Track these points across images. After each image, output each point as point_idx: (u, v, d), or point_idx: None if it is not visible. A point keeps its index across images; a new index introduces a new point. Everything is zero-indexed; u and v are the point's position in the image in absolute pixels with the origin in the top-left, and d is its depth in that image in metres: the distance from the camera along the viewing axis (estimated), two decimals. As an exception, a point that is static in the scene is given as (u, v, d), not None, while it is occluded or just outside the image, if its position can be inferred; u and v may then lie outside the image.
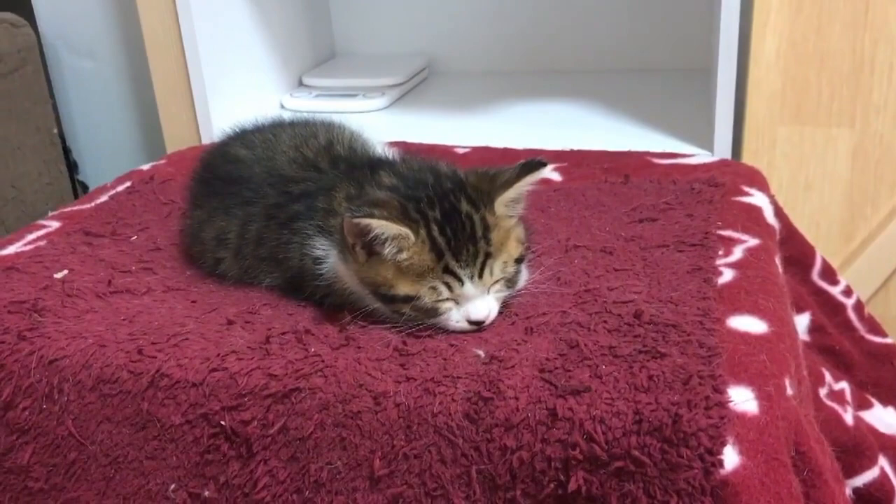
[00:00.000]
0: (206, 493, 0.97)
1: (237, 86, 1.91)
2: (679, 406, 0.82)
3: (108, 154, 2.21)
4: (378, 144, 1.25)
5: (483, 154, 1.59)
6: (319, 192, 1.04)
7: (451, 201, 0.96)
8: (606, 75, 2.09)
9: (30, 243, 1.32)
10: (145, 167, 1.64)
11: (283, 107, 2.05)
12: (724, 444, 0.78)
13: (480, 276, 0.95)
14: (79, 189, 2.16)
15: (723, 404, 0.82)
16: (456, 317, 0.96)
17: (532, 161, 0.97)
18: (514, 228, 0.99)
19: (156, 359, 0.99)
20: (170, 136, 1.83)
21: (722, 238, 1.16)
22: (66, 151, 2.12)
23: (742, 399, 0.82)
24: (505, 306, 1.01)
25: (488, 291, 0.97)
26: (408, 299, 0.94)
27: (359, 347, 0.96)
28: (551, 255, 1.14)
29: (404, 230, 0.92)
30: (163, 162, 1.67)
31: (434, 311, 0.95)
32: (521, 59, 2.22)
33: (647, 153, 1.46)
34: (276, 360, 0.95)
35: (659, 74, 2.03)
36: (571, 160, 1.47)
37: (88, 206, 1.44)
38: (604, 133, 1.63)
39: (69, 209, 1.44)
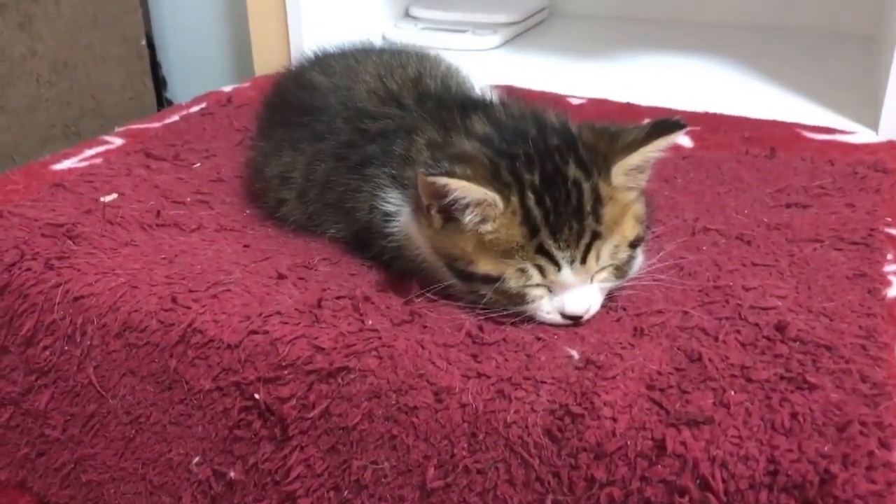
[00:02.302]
0: (233, 475, 0.82)
1: (336, 11, 1.74)
2: (831, 460, 0.62)
3: (198, 72, 2.08)
4: (480, 85, 1.05)
5: (600, 107, 1.38)
6: (399, 134, 0.86)
7: (555, 162, 0.76)
8: (753, 32, 1.85)
9: (86, 159, 1.20)
10: (227, 89, 1.49)
11: (384, 38, 1.87)
12: (892, 523, 0.58)
13: (584, 261, 0.75)
14: (165, 106, 2.05)
15: (892, 466, 0.61)
16: (547, 307, 0.78)
17: (667, 121, 0.77)
18: (632, 204, 0.79)
19: (190, 310, 0.84)
20: (259, 59, 1.68)
21: (892, 238, 0.93)
22: (155, 66, 2.00)
23: (921, 464, 0.61)
24: (610, 298, 0.82)
25: (591, 280, 0.78)
26: (489, 280, 0.76)
27: (424, 327, 0.79)
28: (674, 239, 0.94)
29: (491, 195, 0.74)
30: (246, 85, 1.52)
31: (520, 298, 0.77)
32: (655, 6, 1.98)
33: (798, 125, 1.24)
34: (326, 330, 0.79)
35: (815, 36, 1.78)
36: (705, 124, 1.26)
37: (157, 125, 1.31)
38: (746, 96, 1.41)
39: (136, 126, 1.32)
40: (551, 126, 0.80)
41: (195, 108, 1.38)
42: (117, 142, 1.25)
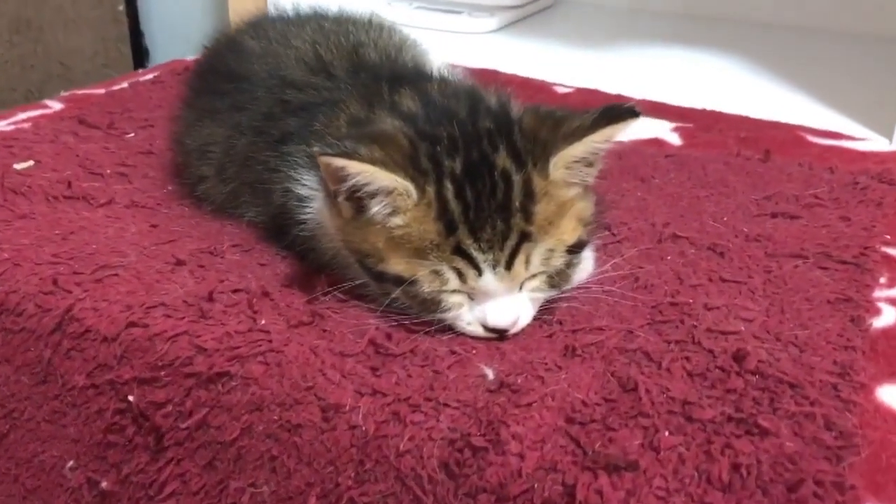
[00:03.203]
0: (105, 484, 0.72)
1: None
2: (775, 528, 0.50)
3: (181, 43, 1.97)
4: (440, 63, 0.94)
5: (587, 97, 1.26)
6: (322, 108, 0.75)
7: (483, 149, 0.65)
8: (767, 30, 1.71)
9: (16, 123, 1.10)
10: (189, 58, 1.39)
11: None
12: None
13: (509, 265, 0.64)
14: (144, 78, 1.94)
15: (849, 540, 0.50)
16: (468, 317, 0.67)
17: (617, 107, 0.65)
18: (574, 202, 0.67)
19: (70, 294, 0.74)
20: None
21: (888, 259, 0.81)
22: (137, 35, 1.90)
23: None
24: (547, 310, 0.70)
25: (520, 289, 0.66)
26: (401, 282, 0.65)
27: (324, 331, 0.68)
28: (636, 244, 0.82)
29: (402, 183, 0.63)
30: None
31: (436, 305, 0.66)
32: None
33: (801, 127, 1.12)
34: (212, 328, 0.69)
35: (831, 36, 1.64)
36: (699, 121, 1.14)
37: (101, 91, 1.21)
38: (749, 95, 1.30)
39: (81, 91, 1.22)
40: (486, 107, 0.69)
41: (148, 77, 1.29)
42: (56, 106, 1.16)
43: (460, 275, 0.64)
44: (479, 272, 0.64)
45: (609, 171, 1.01)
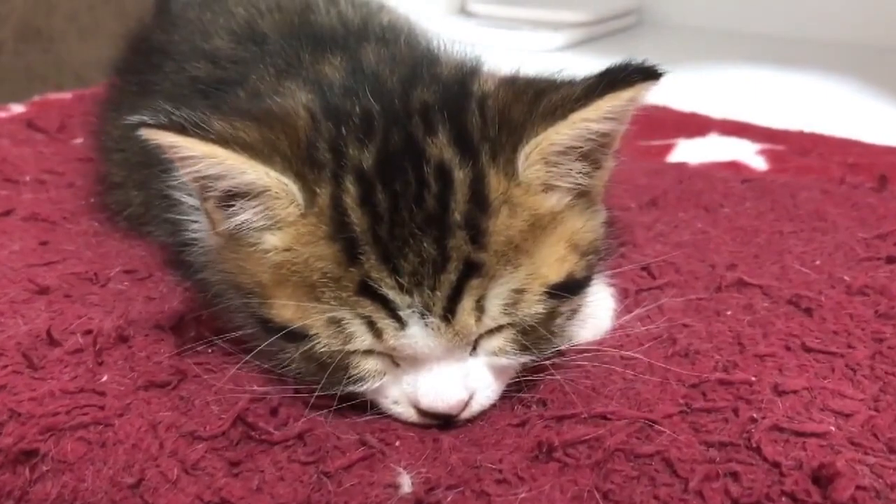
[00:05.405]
0: None
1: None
2: None
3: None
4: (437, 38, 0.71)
5: (652, 114, 1.01)
6: (236, 83, 0.54)
7: (410, 132, 0.43)
8: (873, 52, 1.43)
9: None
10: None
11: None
12: None
13: (448, 314, 0.41)
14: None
15: None
16: (393, 393, 0.44)
17: (625, 66, 0.41)
18: (562, 217, 0.44)
19: None
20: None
21: None
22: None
23: None
24: (526, 382, 0.46)
25: (473, 347, 0.43)
26: (292, 336, 0.43)
27: (180, 398, 0.46)
28: (684, 292, 0.57)
29: (278, 181, 0.42)
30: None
31: (342, 372, 0.43)
32: (761, 20, 1.62)
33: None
34: (37, 383, 0.48)
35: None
36: (794, 144, 0.91)
37: (69, 95, 1.05)
38: (858, 117, 1.02)
39: (55, 96, 1.07)
40: (431, 74, 0.47)
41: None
42: (17, 110, 1.00)
43: (373, 327, 0.41)
44: (402, 324, 0.41)
45: (661, 197, 0.78)
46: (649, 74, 0.41)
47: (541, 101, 0.42)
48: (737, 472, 0.40)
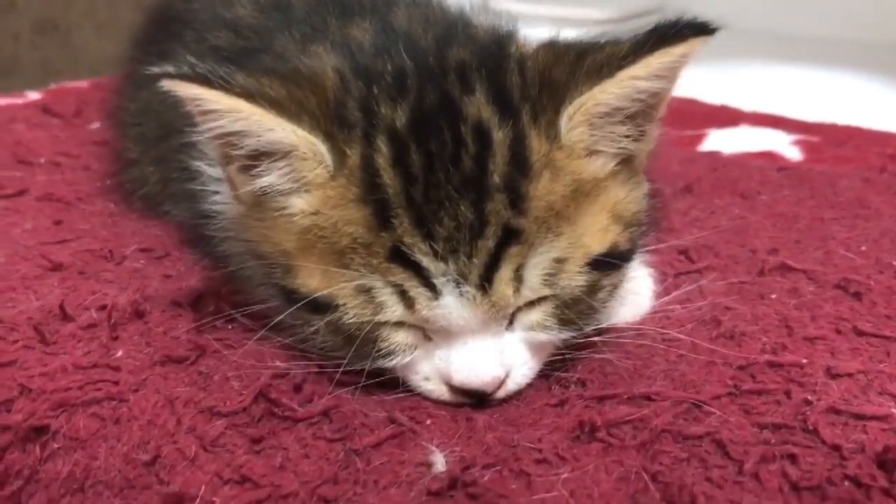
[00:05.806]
0: None
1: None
2: None
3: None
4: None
5: (683, 106, 0.98)
6: (260, 52, 0.52)
7: (446, 90, 0.40)
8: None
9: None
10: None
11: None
12: None
13: (486, 283, 0.38)
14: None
15: None
16: (424, 369, 0.41)
17: (674, 22, 0.39)
18: (606, 185, 0.41)
19: None
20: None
21: None
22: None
23: None
24: (561, 361, 0.44)
25: (510, 323, 0.40)
26: (315, 305, 0.40)
27: (198, 373, 0.44)
28: (725, 276, 0.55)
29: (306, 140, 0.39)
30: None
31: (370, 345, 0.40)
32: (786, 17, 1.58)
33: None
34: (48, 358, 0.46)
35: None
36: (829, 136, 0.89)
37: (86, 84, 1.03)
38: (889, 115, 0.98)
39: (71, 85, 1.05)
40: (467, 35, 0.44)
41: (153, 70, 1.10)
42: (34, 97, 0.99)
43: (404, 297, 0.39)
44: (436, 293, 0.38)
45: (695, 183, 0.75)
46: (701, 29, 0.39)
47: (584, 60, 0.40)
48: (794, 455, 0.37)
